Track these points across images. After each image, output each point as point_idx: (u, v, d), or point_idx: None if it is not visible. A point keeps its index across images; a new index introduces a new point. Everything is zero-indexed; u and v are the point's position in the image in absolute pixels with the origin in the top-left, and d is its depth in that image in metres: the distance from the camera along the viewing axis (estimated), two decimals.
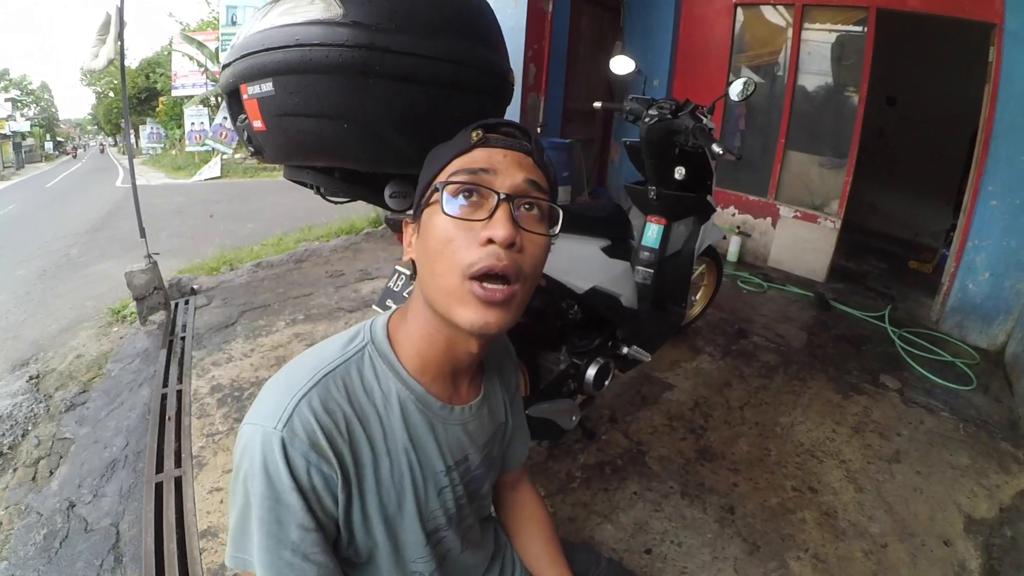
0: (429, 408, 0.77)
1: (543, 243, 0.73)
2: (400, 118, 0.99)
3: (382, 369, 0.75)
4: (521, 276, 0.69)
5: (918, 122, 6.10)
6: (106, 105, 40.90)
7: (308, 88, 0.95)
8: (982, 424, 2.64)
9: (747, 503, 2.00)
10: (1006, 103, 3.47)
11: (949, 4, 3.82)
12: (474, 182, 0.69)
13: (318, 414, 0.65)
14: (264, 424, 0.63)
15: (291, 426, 0.63)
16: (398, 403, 0.74)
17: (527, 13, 4.52)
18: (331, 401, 0.67)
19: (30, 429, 2.61)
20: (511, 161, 0.72)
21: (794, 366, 3.05)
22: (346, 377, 0.71)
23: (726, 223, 5.10)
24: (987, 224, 3.60)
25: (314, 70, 0.93)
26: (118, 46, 3.46)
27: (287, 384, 0.68)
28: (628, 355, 2.12)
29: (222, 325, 3.32)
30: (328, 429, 0.65)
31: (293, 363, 0.74)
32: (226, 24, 15.04)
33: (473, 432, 0.85)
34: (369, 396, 0.72)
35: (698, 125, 2.18)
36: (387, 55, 0.92)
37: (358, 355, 0.74)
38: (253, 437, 0.63)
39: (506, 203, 0.68)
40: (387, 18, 0.93)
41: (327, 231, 5.54)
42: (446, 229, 0.68)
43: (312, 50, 0.92)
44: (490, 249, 0.66)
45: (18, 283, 5.71)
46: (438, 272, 0.69)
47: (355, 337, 0.77)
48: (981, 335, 3.61)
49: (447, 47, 0.97)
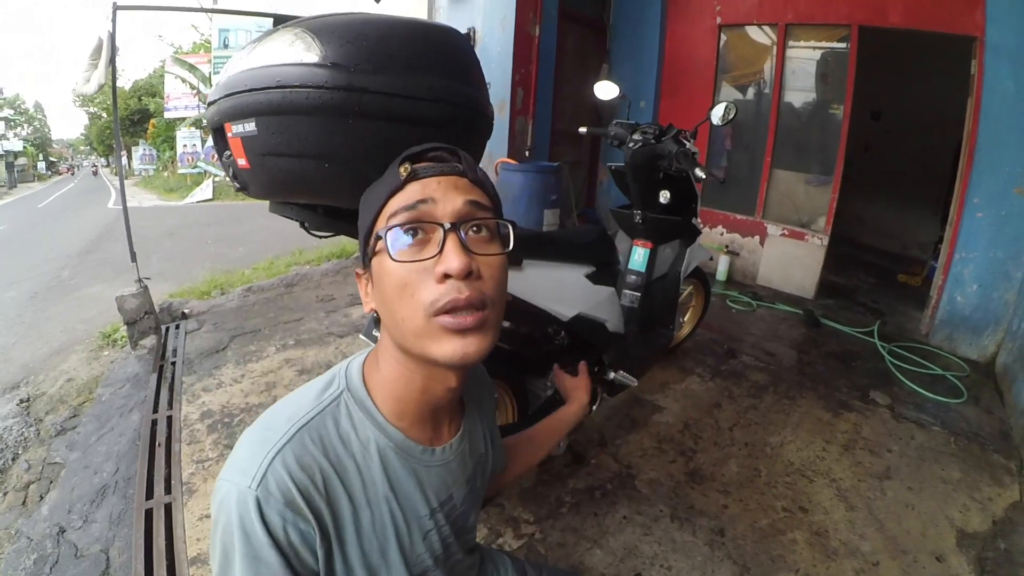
0: (410, 454, 0.76)
1: (500, 262, 0.72)
2: (380, 156, 1.00)
3: (359, 417, 0.73)
4: (487, 302, 0.68)
5: (903, 135, 6.18)
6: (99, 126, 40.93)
7: (289, 128, 0.97)
8: (973, 437, 2.66)
9: (737, 525, 2.00)
10: (989, 115, 3.52)
11: (930, 19, 3.88)
12: (415, 218, 0.68)
13: (292, 471, 0.64)
14: (239, 482, 0.63)
15: (265, 485, 0.62)
16: (377, 452, 0.73)
17: (514, 38, 4.58)
18: (306, 456, 0.66)
19: (20, 453, 2.60)
20: (447, 186, 0.70)
21: (784, 385, 3.06)
22: (321, 429, 0.70)
23: (714, 242, 5.14)
24: (973, 236, 3.63)
25: (295, 111, 0.95)
26: (109, 71, 3.48)
27: (261, 439, 0.67)
28: (615, 380, 2.13)
29: (213, 350, 3.31)
30: (303, 486, 0.64)
31: (269, 413, 0.72)
32: (218, 47, 15.07)
33: (456, 470, 0.84)
34: (346, 447, 0.71)
35: (681, 150, 2.21)
36: (365, 95, 0.94)
37: (333, 404, 0.73)
38: (229, 494, 0.63)
39: (453, 232, 0.67)
40: (365, 59, 0.95)
41: (318, 255, 5.55)
42: (399, 274, 0.67)
43: (293, 92, 0.94)
44: (449, 284, 0.65)
45: (8, 305, 5.67)
46: (401, 317, 0.68)
47: (330, 384, 0.75)
48: (971, 347, 3.63)
49: (424, 85, 0.99)
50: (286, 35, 0.98)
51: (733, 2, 4.95)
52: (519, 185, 4.16)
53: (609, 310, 2.03)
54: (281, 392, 2.82)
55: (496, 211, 0.75)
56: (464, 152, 0.77)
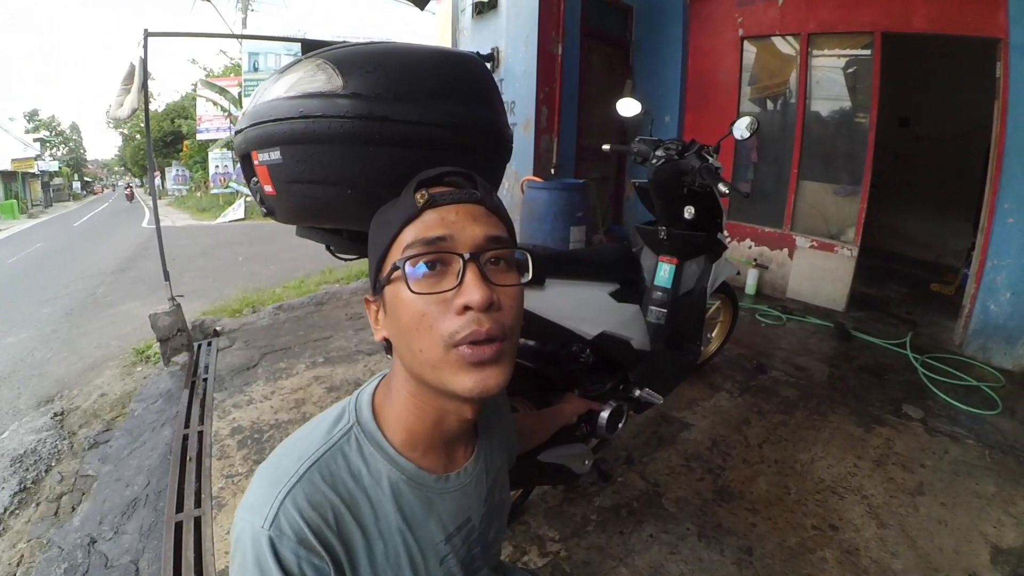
0: (423, 484, 0.75)
1: (518, 292, 0.71)
2: (401, 182, 1.02)
3: (370, 452, 0.73)
4: (506, 333, 0.67)
5: (933, 141, 6.08)
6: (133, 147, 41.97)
7: (313, 157, 0.99)
8: (1008, 449, 2.58)
9: (766, 543, 1.97)
10: (1016, 118, 3.45)
11: (953, 22, 3.83)
12: (434, 251, 0.66)
13: (303, 510, 0.64)
14: (253, 520, 0.63)
15: (278, 524, 0.62)
16: (389, 485, 0.72)
17: (537, 57, 4.63)
18: (317, 494, 0.66)
19: (53, 465, 2.69)
20: (465, 217, 0.69)
21: (814, 400, 3.01)
22: (332, 465, 0.69)
23: (742, 256, 5.10)
24: (1005, 242, 3.55)
25: (318, 140, 0.97)
26: (142, 96, 3.59)
27: (272, 479, 0.67)
28: (641, 398, 2.12)
29: (243, 367, 3.38)
30: (315, 524, 0.64)
31: (281, 449, 0.73)
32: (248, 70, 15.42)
33: (472, 492, 0.83)
34: (357, 482, 0.70)
35: (704, 165, 2.20)
36: (386, 123, 0.96)
37: (344, 439, 0.72)
38: (244, 532, 0.64)
39: (472, 263, 0.66)
40: (385, 88, 0.97)
41: (347, 274, 5.63)
42: (416, 305, 0.65)
43: (316, 121, 0.96)
44: (469, 316, 0.64)
45: (44, 321, 5.86)
46: (419, 348, 0.66)
47: (340, 419, 0.75)
48: (1006, 356, 3.54)
49: (443, 111, 1.00)
50: (309, 66, 1.01)
51: (755, 14, 4.94)
52: (545, 203, 4.18)
53: (634, 328, 2.03)
54: (310, 409, 2.87)
55: (513, 239, 0.75)
56: (479, 177, 0.76)
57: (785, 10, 4.71)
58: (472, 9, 5.30)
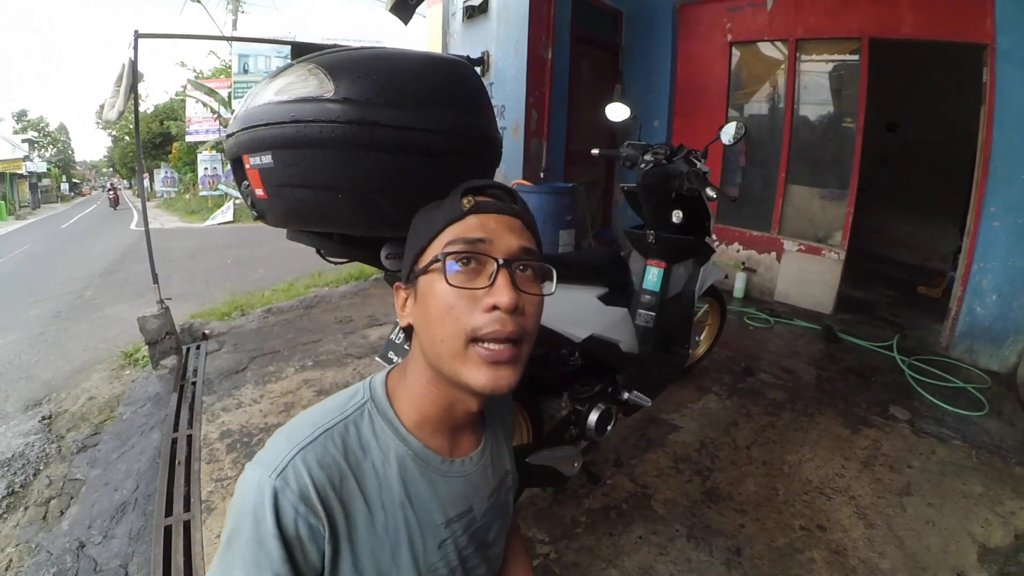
0: (428, 463, 0.79)
1: (540, 302, 0.77)
2: (391, 186, 1.03)
3: (380, 426, 0.77)
4: (525, 336, 0.73)
5: (920, 146, 6.15)
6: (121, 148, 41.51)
7: (304, 161, 1.00)
8: (995, 450, 2.62)
9: (754, 544, 1.99)
10: (1002, 122, 3.51)
11: (940, 28, 3.88)
12: (473, 251, 0.72)
13: (312, 468, 0.67)
14: (261, 471, 0.67)
15: (284, 476, 0.66)
16: (395, 459, 0.76)
17: (527, 61, 4.65)
18: (327, 456, 0.70)
19: (42, 469, 2.66)
20: (503, 226, 0.75)
21: (802, 402, 3.04)
22: (344, 434, 0.73)
23: (731, 259, 5.13)
24: (992, 245, 3.60)
25: (309, 145, 0.98)
26: (131, 98, 3.56)
27: (288, 437, 0.71)
28: (629, 400, 2.13)
29: (232, 371, 3.37)
30: (320, 483, 0.67)
31: (297, 418, 0.76)
32: (238, 72, 15.42)
33: (477, 483, 0.86)
34: (366, 452, 0.74)
35: (692, 170, 2.23)
36: (376, 129, 0.97)
37: (357, 412, 0.76)
38: (249, 480, 0.67)
39: (505, 268, 0.71)
40: (376, 93, 0.98)
41: (337, 277, 5.61)
42: (448, 297, 0.71)
43: (307, 126, 0.97)
44: (495, 315, 0.69)
45: (32, 323, 5.79)
46: (440, 338, 0.72)
47: (355, 395, 0.79)
48: (992, 358, 3.59)
49: (433, 117, 1.02)
50: (300, 70, 1.02)
51: (743, 19, 4.98)
52: (534, 206, 4.10)
53: (622, 331, 2.04)
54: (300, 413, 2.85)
55: (540, 253, 0.81)
56: (519, 196, 0.83)
57: (773, 16, 4.75)
58: (463, 13, 5.31)
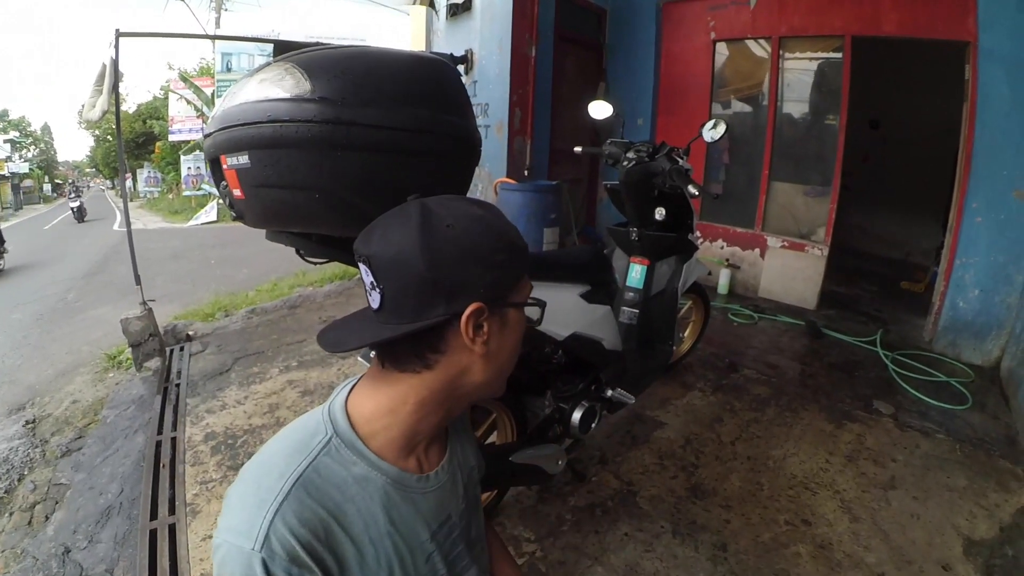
0: (406, 486, 0.77)
1: None
2: (368, 186, 1.01)
3: (352, 459, 0.73)
4: None
5: (902, 143, 6.20)
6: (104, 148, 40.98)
7: (280, 161, 0.99)
8: (979, 443, 2.65)
9: (739, 539, 2.00)
10: (984, 120, 3.54)
11: (923, 26, 3.91)
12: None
13: (294, 528, 0.64)
14: (241, 544, 0.63)
15: (269, 546, 0.63)
16: (374, 490, 0.73)
17: (511, 60, 4.63)
18: (305, 511, 0.66)
19: (26, 474, 2.64)
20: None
21: (786, 397, 3.06)
22: (316, 479, 0.69)
23: (715, 256, 5.15)
24: (974, 241, 3.64)
25: (285, 145, 0.97)
26: (112, 98, 3.53)
27: (257, 499, 0.66)
28: (613, 398, 2.13)
29: (216, 372, 3.34)
30: (305, 541, 0.65)
31: (259, 467, 0.72)
32: (221, 71, 15.27)
33: (450, 490, 0.86)
34: (343, 492, 0.71)
35: (674, 167, 2.23)
36: (353, 128, 0.96)
37: (323, 451, 0.72)
38: (231, 556, 0.63)
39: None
40: (353, 93, 0.97)
41: (321, 276, 5.58)
42: (520, 336, 0.81)
43: (283, 126, 0.96)
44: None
45: (15, 327, 5.74)
46: (506, 369, 0.81)
47: (316, 431, 0.74)
48: (975, 352, 3.64)
49: (410, 116, 1.01)
50: (277, 70, 1.01)
51: (727, 17, 4.99)
52: (518, 204, 4.19)
53: (605, 328, 2.05)
54: (284, 414, 2.84)
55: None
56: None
57: (757, 14, 4.77)
58: (446, 11, 5.29)
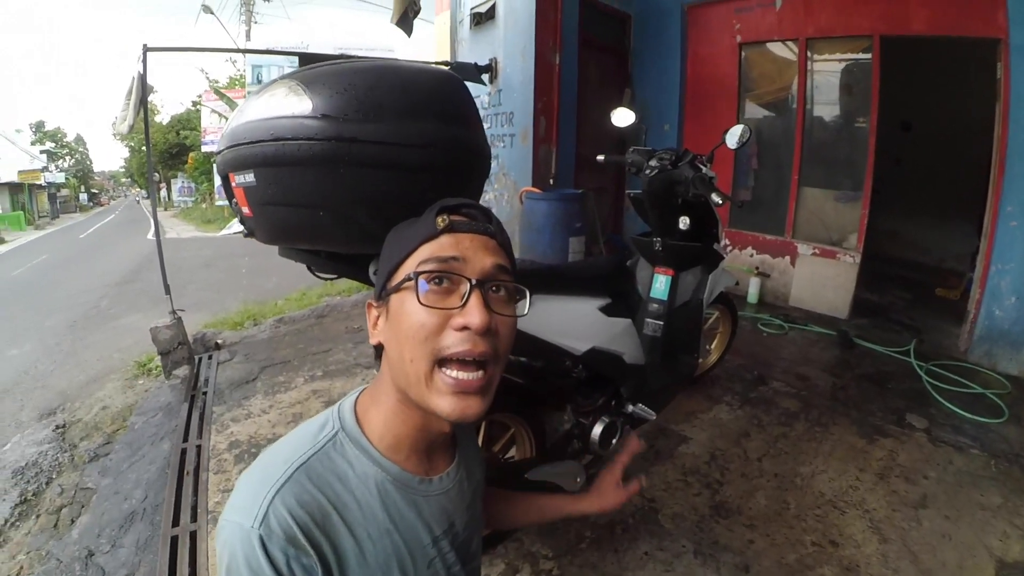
0: (408, 486, 0.78)
1: (513, 324, 0.77)
2: (373, 203, 1.00)
3: (355, 454, 0.75)
4: (495, 359, 0.73)
5: (934, 145, 6.03)
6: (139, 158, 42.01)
7: (284, 179, 0.99)
8: (1015, 459, 2.54)
9: (763, 560, 1.94)
10: (1017, 119, 3.42)
11: (951, 24, 3.80)
12: (446, 270, 0.72)
13: (292, 509, 0.66)
14: (242, 522, 0.65)
15: (267, 523, 0.64)
16: (375, 486, 0.74)
17: (535, 67, 4.64)
18: (305, 494, 0.68)
19: (54, 477, 2.71)
20: (478, 246, 0.75)
21: (815, 411, 2.98)
22: (319, 468, 0.72)
23: (744, 264, 5.07)
24: (1009, 246, 3.51)
25: (289, 163, 0.97)
26: (140, 112, 3.62)
27: (261, 480, 0.69)
28: (634, 413, 2.09)
29: (243, 381, 3.38)
30: (304, 523, 0.66)
31: (266, 455, 0.75)
32: (252, 83, 15.61)
33: (455, 498, 0.86)
34: (344, 484, 0.72)
35: (698, 175, 2.18)
36: (355, 144, 0.95)
37: (329, 443, 0.75)
38: (233, 534, 0.65)
39: (478, 289, 0.71)
40: (354, 108, 0.96)
41: (350, 286, 5.59)
42: (419, 316, 0.70)
43: (286, 144, 0.96)
44: (465, 335, 0.69)
45: (48, 333, 5.90)
46: (409, 358, 0.71)
47: (324, 426, 0.78)
48: (1011, 362, 3.50)
49: (414, 131, 0.99)
50: (281, 87, 1.00)
51: (752, 20, 4.93)
52: (543, 213, 4.18)
53: (626, 342, 2.01)
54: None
55: (514, 273, 0.80)
56: (494, 214, 0.83)
57: (783, 15, 4.70)
58: (470, 20, 5.32)
